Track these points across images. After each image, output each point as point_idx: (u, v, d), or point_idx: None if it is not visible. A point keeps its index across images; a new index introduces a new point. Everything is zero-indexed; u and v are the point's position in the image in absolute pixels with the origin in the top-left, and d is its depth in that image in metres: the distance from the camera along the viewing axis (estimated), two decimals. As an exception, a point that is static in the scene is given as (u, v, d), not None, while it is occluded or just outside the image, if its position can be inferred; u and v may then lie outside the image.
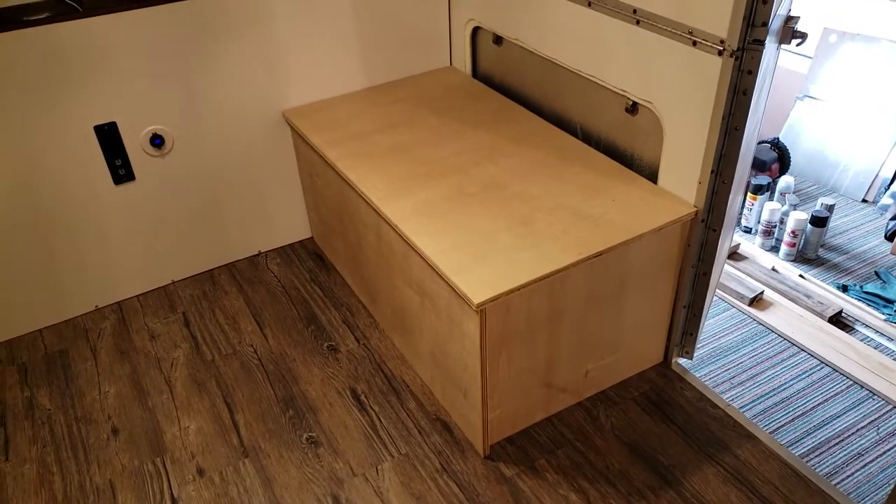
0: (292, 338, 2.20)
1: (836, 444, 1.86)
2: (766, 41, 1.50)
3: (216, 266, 2.51)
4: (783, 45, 1.74)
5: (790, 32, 1.64)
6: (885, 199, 2.73)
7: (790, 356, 2.13)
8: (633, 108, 1.88)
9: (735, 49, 1.51)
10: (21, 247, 2.13)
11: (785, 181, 2.77)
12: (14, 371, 2.13)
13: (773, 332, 2.21)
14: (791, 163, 2.96)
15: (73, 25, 1.92)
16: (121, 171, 2.17)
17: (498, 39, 2.34)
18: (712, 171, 1.69)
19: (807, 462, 1.80)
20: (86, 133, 2.07)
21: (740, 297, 2.31)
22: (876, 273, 2.46)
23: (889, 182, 2.78)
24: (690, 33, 1.59)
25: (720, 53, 1.54)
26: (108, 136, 2.10)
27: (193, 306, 2.35)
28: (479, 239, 1.70)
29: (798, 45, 1.66)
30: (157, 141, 2.18)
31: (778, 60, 1.85)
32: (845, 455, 1.83)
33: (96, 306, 2.35)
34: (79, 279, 2.28)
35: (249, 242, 2.54)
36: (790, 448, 1.84)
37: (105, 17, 1.94)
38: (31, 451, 1.89)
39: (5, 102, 1.92)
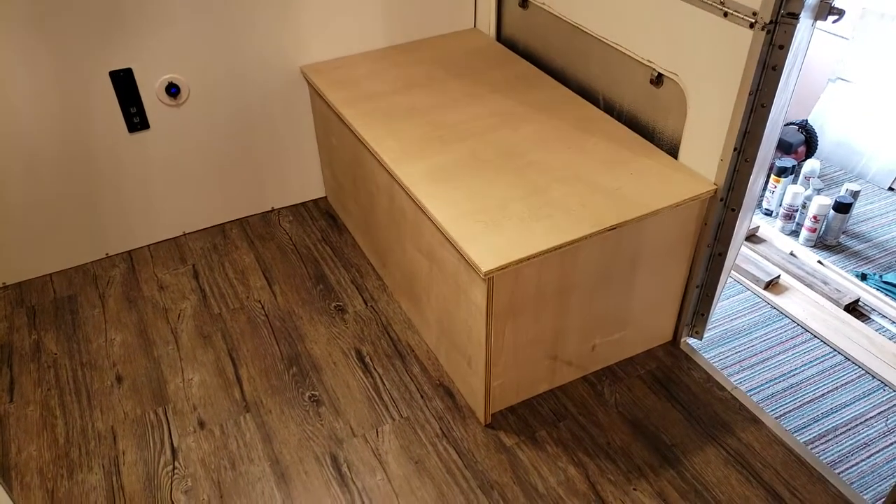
0: (300, 296, 2.20)
1: (843, 432, 1.83)
2: (801, 15, 1.44)
3: (228, 220, 2.51)
4: (818, 23, 1.67)
5: (827, 8, 1.57)
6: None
7: (803, 342, 2.09)
8: (657, 79, 1.83)
9: (767, 22, 1.45)
10: (34, 191, 2.13)
11: (810, 165, 2.70)
12: (23, 314, 2.15)
13: (786, 317, 2.17)
14: (818, 147, 2.89)
15: (92, -33, 1.89)
16: (135, 119, 2.15)
17: (524, 3, 2.28)
18: (735, 149, 1.64)
19: (812, 449, 1.78)
20: (101, 78, 2.05)
21: (756, 280, 2.27)
22: (897, 263, 2.41)
23: (918, 171, 2.70)
24: (722, 3, 1.54)
25: (752, 26, 1.48)
26: (124, 83, 2.08)
27: (203, 259, 2.34)
28: (491, 207, 1.67)
29: (834, 21, 1.59)
30: (173, 90, 2.15)
31: (812, 39, 1.78)
32: (851, 444, 1.80)
33: (107, 254, 2.36)
34: (91, 226, 2.27)
35: (263, 198, 2.53)
36: (796, 434, 1.81)
37: (124, -39, 1.92)
38: (35, 393, 1.91)
39: (20, 42, 1.90)
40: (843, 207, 2.43)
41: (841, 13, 1.57)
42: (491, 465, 1.71)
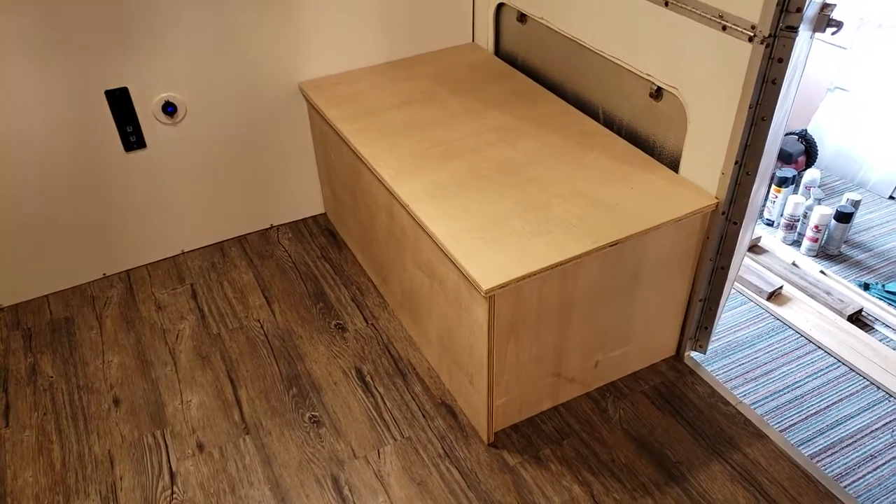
0: (300, 314, 2.18)
1: (849, 444, 1.81)
2: (800, 28, 1.43)
3: (227, 238, 2.49)
4: (817, 34, 1.67)
5: (825, 20, 1.57)
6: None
7: (806, 353, 2.08)
8: (657, 93, 1.82)
9: (766, 35, 1.45)
10: (30, 211, 2.11)
11: (811, 175, 2.69)
12: (18, 336, 2.13)
13: (790, 328, 2.16)
14: (818, 156, 2.88)
15: (87, -12, 1.88)
16: (132, 137, 2.14)
17: (522, 17, 2.28)
18: (736, 163, 1.63)
19: (818, 462, 1.76)
20: (97, 98, 2.03)
21: (758, 291, 2.26)
22: (899, 272, 2.40)
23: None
24: (721, 17, 1.53)
25: (751, 39, 1.48)
26: (120, 102, 2.07)
27: (202, 278, 2.32)
28: (491, 223, 1.65)
29: (833, 34, 1.58)
30: (169, 108, 2.14)
31: (811, 50, 1.78)
32: (857, 456, 1.78)
33: (104, 274, 2.34)
34: (87, 246, 2.26)
35: (261, 216, 2.51)
36: (801, 447, 1.79)
37: (119, -19, 1.91)
38: (31, 417, 1.88)
39: (14, 63, 1.89)
40: (844, 217, 2.42)
41: (839, 25, 1.57)
42: (494, 486, 1.69)
